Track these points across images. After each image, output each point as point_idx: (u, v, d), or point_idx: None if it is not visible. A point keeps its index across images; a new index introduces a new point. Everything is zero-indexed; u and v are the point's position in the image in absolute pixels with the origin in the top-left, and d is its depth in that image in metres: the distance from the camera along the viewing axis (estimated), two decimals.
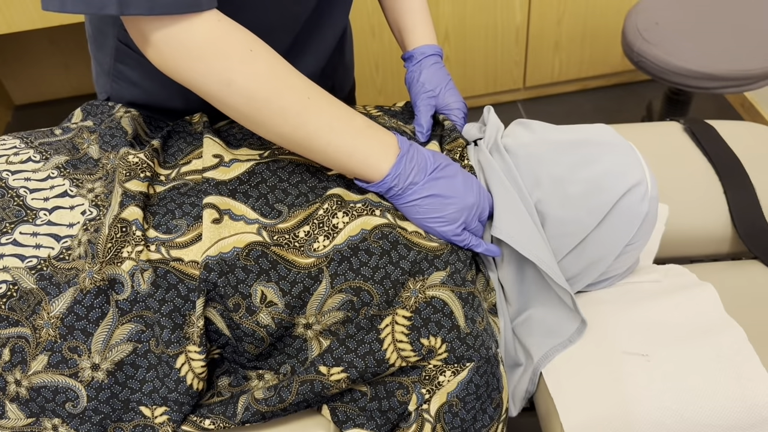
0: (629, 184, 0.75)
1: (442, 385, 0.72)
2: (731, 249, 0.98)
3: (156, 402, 0.72)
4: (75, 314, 0.71)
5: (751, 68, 1.43)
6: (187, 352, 0.71)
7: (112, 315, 0.71)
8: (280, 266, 0.71)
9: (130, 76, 0.90)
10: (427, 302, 0.72)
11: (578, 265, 0.80)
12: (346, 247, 0.72)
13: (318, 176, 0.79)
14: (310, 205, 0.75)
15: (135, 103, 0.92)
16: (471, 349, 0.72)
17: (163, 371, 0.72)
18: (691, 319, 0.80)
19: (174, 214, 0.75)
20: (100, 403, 0.72)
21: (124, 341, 0.71)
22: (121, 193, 0.74)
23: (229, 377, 0.77)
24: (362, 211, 0.74)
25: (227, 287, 0.70)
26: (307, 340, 0.73)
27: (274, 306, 0.71)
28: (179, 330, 0.71)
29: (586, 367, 0.76)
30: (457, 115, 0.93)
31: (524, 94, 2.31)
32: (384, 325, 0.72)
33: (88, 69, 2.38)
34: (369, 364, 0.72)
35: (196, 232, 0.73)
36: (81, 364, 0.71)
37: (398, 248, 0.73)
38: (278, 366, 0.75)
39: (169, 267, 0.71)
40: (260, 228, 0.73)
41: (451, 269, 0.73)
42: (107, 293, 0.71)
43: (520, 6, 2.03)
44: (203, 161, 0.80)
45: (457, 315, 0.72)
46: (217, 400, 0.75)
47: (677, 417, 0.71)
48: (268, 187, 0.77)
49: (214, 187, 0.75)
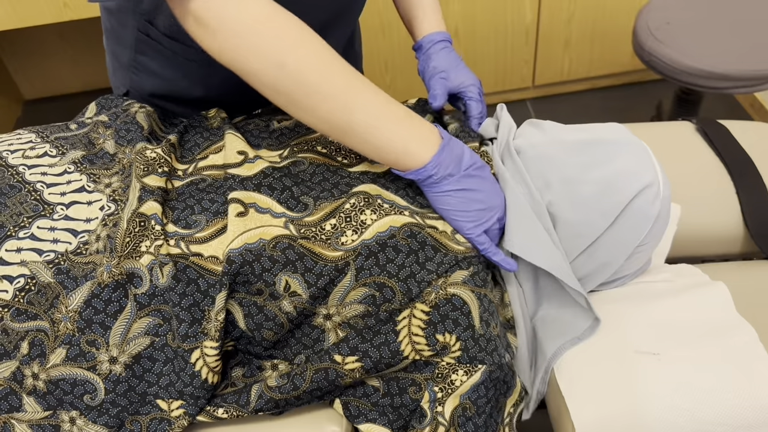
0: (641, 185, 0.75)
1: (454, 385, 0.72)
2: (743, 249, 0.98)
3: (172, 395, 0.73)
4: (93, 308, 0.71)
5: (762, 69, 1.42)
6: (202, 347, 0.72)
7: (130, 308, 0.71)
8: (307, 258, 0.72)
9: (150, 67, 0.90)
10: (447, 299, 0.72)
11: (590, 266, 0.80)
12: (374, 243, 0.72)
13: (340, 174, 0.79)
14: (336, 200, 0.75)
15: (155, 94, 0.93)
16: (483, 351, 0.72)
17: (179, 365, 0.73)
18: (703, 319, 0.80)
19: (193, 210, 0.75)
20: (117, 396, 0.72)
21: (141, 335, 0.72)
22: (139, 188, 0.75)
23: (243, 368, 0.77)
24: (390, 211, 0.74)
25: (251, 275, 0.71)
26: (325, 331, 0.74)
27: (297, 296, 0.72)
28: (197, 324, 0.72)
29: (597, 366, 0.76)
30: (473, 92, 0.93)
31: (533, 93, 2.31)
32: (401, 318, 0.72)
33: (98, 64, 2.39)
34: (384, 355, 0.72)
35: (215, 227, 0.74)
36: (99, 357, 0.72)
37: (426, 249, 0.73)
38: (293, 356, 0.76)
39: (189, 262, 0.72)
40: (287, 222, 0.73)
41: (474, 269, 0.74)
42: (125, 287, 0.72)
43: (530, 4, 2.02)
44: (225, 156, 0.80)
45: (474, 315, 0.72)
46: (230, 390, 0.75)
47: (689, 416, 0.71)
48: (292, 180, 0.77)
49: (239, 183, 0.76)
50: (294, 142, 0.83)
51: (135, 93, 0.94)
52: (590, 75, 2.26)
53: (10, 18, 1.73)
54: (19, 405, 0.72)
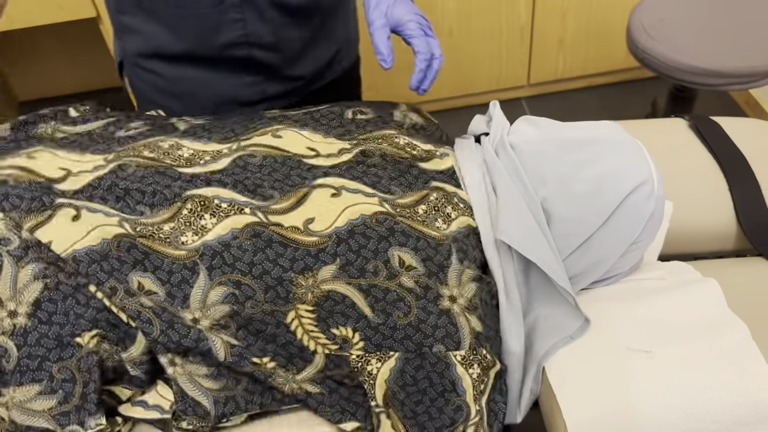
0: (635, 183, 0.75)
1: (372, 375, 0.72)
2: (736, 246, 0.98)
3: (85, 328, 0.70)
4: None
5: (756, 65, 1.42)
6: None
7: (8, 262, 0.69)
8: (153, 257, 0.71)
9: (131, 25, 0.93)
10: (326, 296, 0.72)
11: (583, 264, 0.80)
12: (216, 243, 0.72)
13: (170, 175, 0.77)
14: (174, 204, 0.74)
15: (141, 53, 0.95)
16: (390, 339, 0.72)
17: (80, 298, 0.71)
18: (695, 316, 0.79)
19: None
20: (31, 347, 0.69)
21: (31, 281, 0.70)
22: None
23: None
24: (229, 211, 0.74)
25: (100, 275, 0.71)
26: (209, 339, 0.72)
27: (155, 294, 0.71)
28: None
29: (589, 364, 0.76)
30: (412, 28, 0.83)
31: (528, 92, 2.31)
32: (290, 320, 0.73)
33: (94, 65, 2.39)
34: (292, 352, 0.73)
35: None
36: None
37: (273, 246, 0.72)
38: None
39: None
40: (122, 220, 0.73)
41: (342, 261, 0.73)
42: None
43: (524, 3, 2.02)
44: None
45: (361, 305, 0.72)
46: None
47: (681, 414, 0.71)
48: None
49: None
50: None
51: (126, 60, 0.97)
52: (585, 73, 2.26)
53: (5, 20, 1.71)
54: None
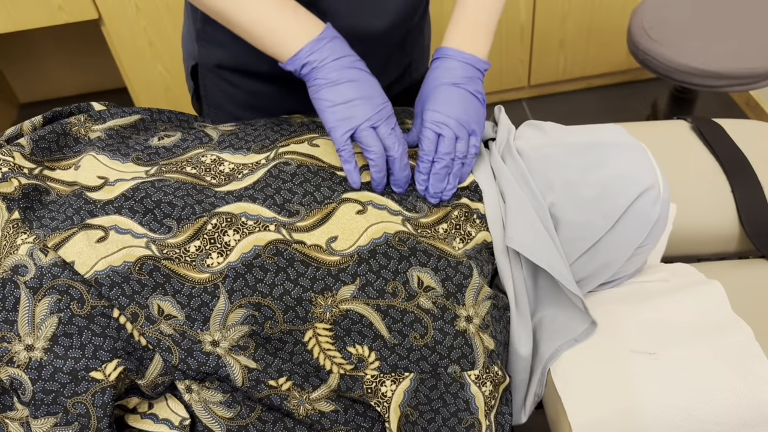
0: (642, 188, 0.75)
1: (387, 397, 0.72)
2: (738, 247, 0.98)
3: (104, 359, 0.69)
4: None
5: (756, 67, 1.43)
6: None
7: (25, 297, 0.69)
8: (174, 281, 0.70)
9: (217, 38, 0.91)
10: (343, 315, 0.71)
11: (590, 267, 0.80)
12: (240, 264, 0.70)
13: (206, 193, 0.76)
14: (198, 218, 0.74)
15: (222, 65, 0.94)
16: (405, 359, 0.72)
17: (98, 327, 0.70)
18: (699, 318, 0.80)
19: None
20: (45, 382, 0.68)
21: (48, 315, 0.69)
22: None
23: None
24: (253, 228, 0.73)
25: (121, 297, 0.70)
26: (227, 364, 0.71)
27: (173, 318, 0.71)
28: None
29: (594, 366, 0.76)
30: (430, 129, 0.79)
31: (529, 93, 2.31)
32: (307, 339, 0.72)
33: (94, 67, 2.39)
34: (308, 371, 0.72)
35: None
36: (14, 349, 0.68)
37: (295, 265, 0.71)
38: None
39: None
40: (149, 242, 0.72)
41: (362, 281, 0.72)
42: (13, 280, 0.69)
43: (525, 4, 2.02)
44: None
45: (378, 326, 0.72)
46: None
47: (685, 415, 0.71)
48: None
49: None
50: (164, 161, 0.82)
51: (203, 65, 0.96)
52: (585, 74, 2.26)
53: (5, 21, 1.72)
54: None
